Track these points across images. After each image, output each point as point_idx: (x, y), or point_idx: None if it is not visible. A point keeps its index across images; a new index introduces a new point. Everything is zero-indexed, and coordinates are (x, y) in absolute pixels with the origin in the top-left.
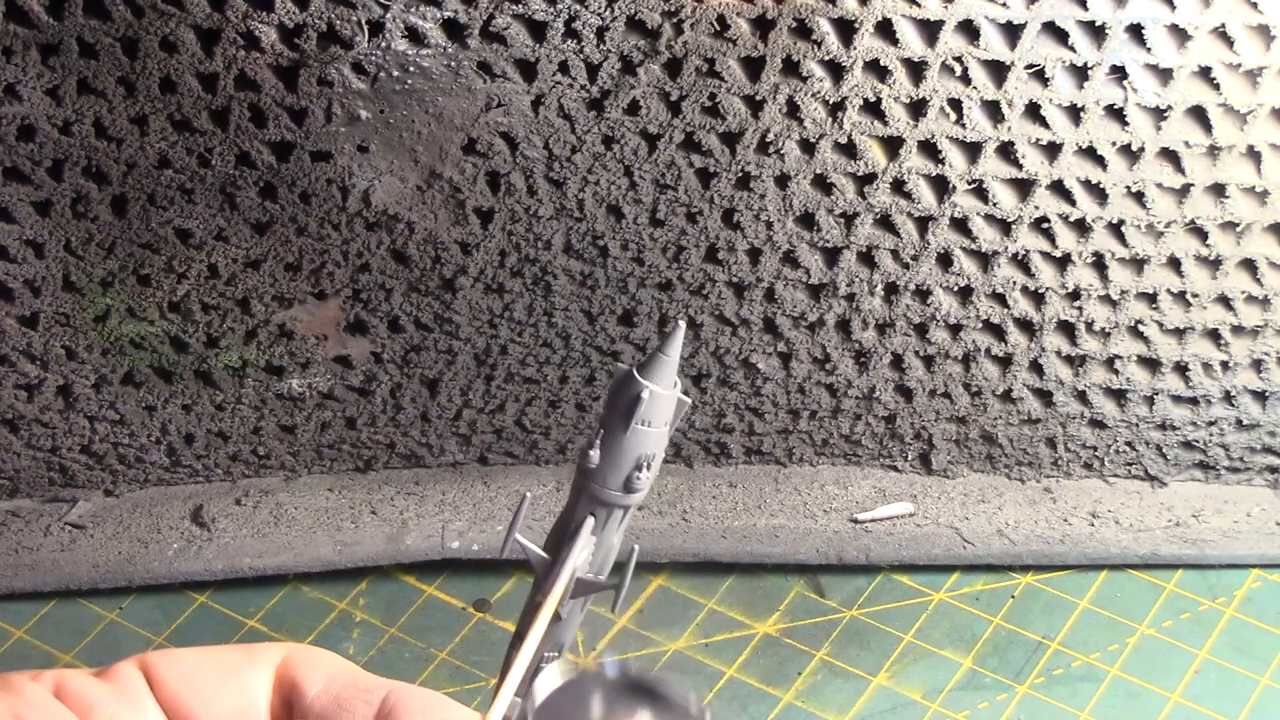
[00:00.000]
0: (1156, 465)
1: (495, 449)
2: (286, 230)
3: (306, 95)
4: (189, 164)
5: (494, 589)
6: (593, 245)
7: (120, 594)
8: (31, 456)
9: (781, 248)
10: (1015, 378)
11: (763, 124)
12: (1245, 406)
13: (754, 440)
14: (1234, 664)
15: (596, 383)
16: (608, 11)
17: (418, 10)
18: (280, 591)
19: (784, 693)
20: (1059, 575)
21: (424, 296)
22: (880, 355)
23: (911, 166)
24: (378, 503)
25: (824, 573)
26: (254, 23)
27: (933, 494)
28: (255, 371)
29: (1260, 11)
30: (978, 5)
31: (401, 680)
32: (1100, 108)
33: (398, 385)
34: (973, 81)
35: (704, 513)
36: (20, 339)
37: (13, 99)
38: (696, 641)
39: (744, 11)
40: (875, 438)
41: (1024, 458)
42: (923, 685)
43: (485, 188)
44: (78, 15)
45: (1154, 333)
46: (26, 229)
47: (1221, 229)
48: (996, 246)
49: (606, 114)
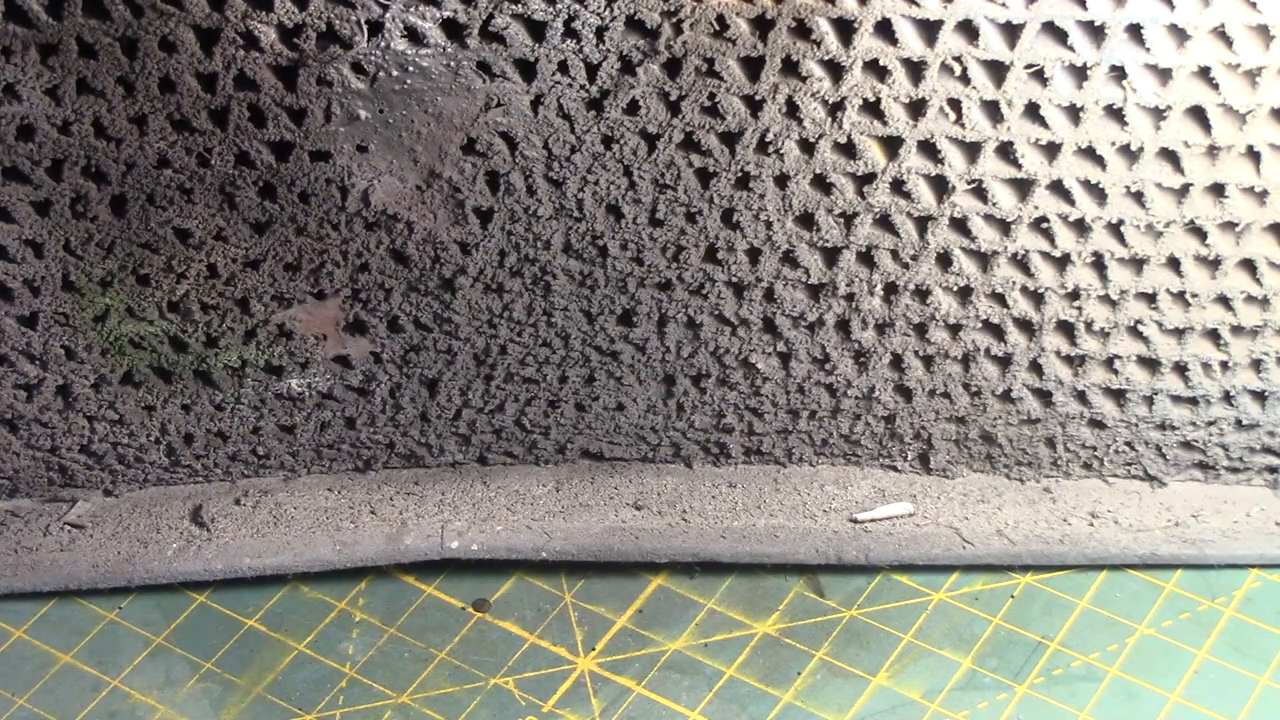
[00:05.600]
0: (1156, 465)
1: (494, 449)
2: (286, 230)
3: (306, 95)
4: (188, 164)
5: (493, 589)
6: (592, 245)
7: (120, 594)
8: (31, 456)
9: (781, 247)
10: (1015, 378)
11: (762, 124)
12: (1245, 406)
13: (753, 440)
14: (1233, 664)
15: (596, 383)
16: (607, 11)
17: (417, 10)
18: (280, 591)
19: (784, 693)
20: (1058, 575)
21: (423, 296)
22: (880, 355)
23: (911, 166)
24: (377, 503)
25: (824, 573)
26: (253, 22)
27: (932, 494)
28: (254, 371)
29: (1260, 11)
30: (977, 5)
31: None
32: (1100, 108)
33: (397, 385)
34: (972, 81)
35: (704, 513)
36: (20, 339)
37: (12, 99)
38: (696, 641)
39: (743, 11)
40: (875, 438)
41: (1023, 458)
42: (922, 685)
43: (484, 187)
44: (77, 15)
45: (1153, 333)
46: (26, 229)
47: (1221, 229)
48: (996, 246)
49: (606, 114)
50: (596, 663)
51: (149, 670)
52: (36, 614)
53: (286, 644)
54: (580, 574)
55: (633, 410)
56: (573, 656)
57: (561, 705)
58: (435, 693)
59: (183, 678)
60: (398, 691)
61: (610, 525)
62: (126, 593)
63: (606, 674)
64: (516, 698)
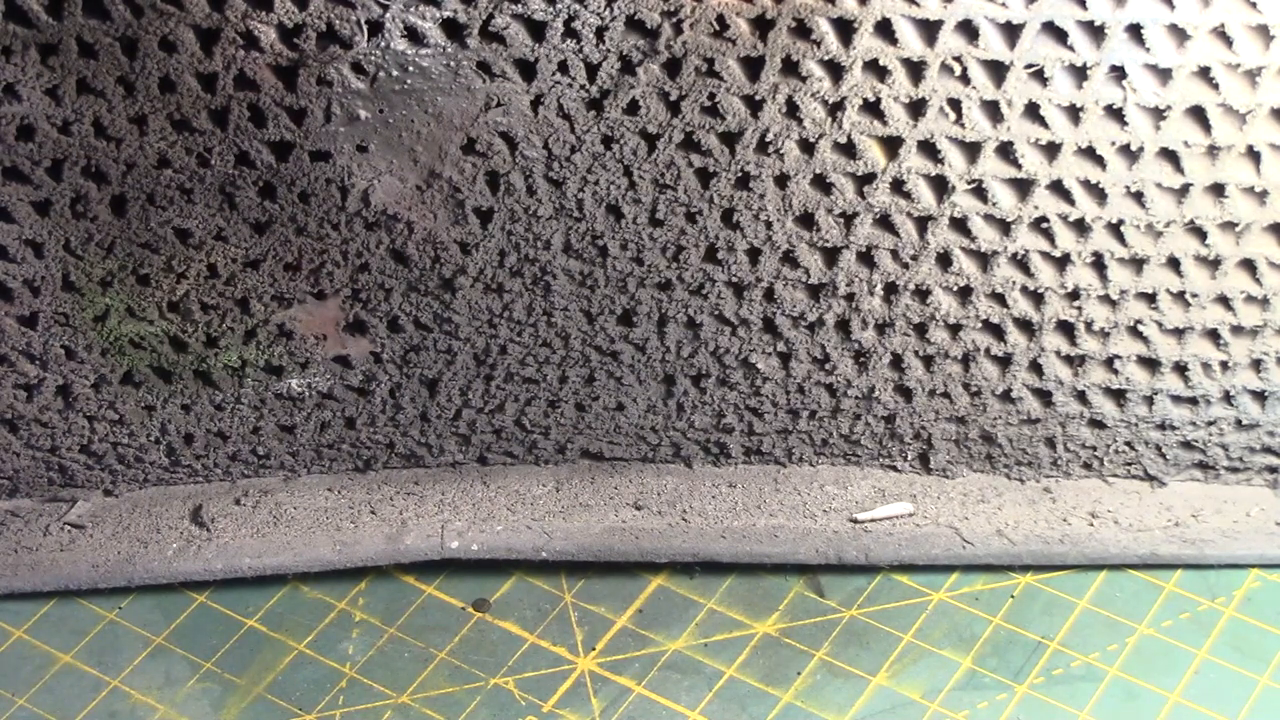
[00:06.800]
0: (1156, 465)
1: (494, 449)
2: (286, 230)
3: (306, 95)
4: (188, 164)
5: (493, 589)
6: (592, 245)
7: (120, 594)
8: (31, 456)
9: (781, 247)
10: (1015, 378)
11: (762, 124)
12: (1245, 406)
13: (753, 440)
14: (1233, 664)
15: (596, 383)
16: (607, 11)
17: (417, 10)
18: (280, 591)
19: (783, 692)
20: (1058, 575)
21: (423, 296)
22: (880, 355)
23: (911, 166)
24: (377, 503)
25: (824, 572)
26: (253, 22)
27: (932, 494)
28: (254, 371)
29: (1260, 11)
30: (977, 5)
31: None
32: (1100, 108)
33: (397, 385)
34: (972, 81)
35: (704, 513)
36: (20, 339)
37: (12, 99)
38: (696, 641)
39: (743, 11)
40: (875, 438)
41: (1023, 458)
42: (922, 685)
43: (484, 187)
44: (77, 15)
45: (1153, 333)
46: (26, 229)
47: (1221, 229)
48: (996, 246)
49: (606, 114)
50: (596, 663)
51: (149, 670)
52: (36, 614)
53: (286, 644)
54: (580, 574)
55: (633, 410)
56: (573, 656)
57: (561, 705)
58: (435, 693)
59: (183, 678)
60: (398, 691)
61: (610, 525)
62: (126, 593)
63: (606, 674)
64: (516, 698)
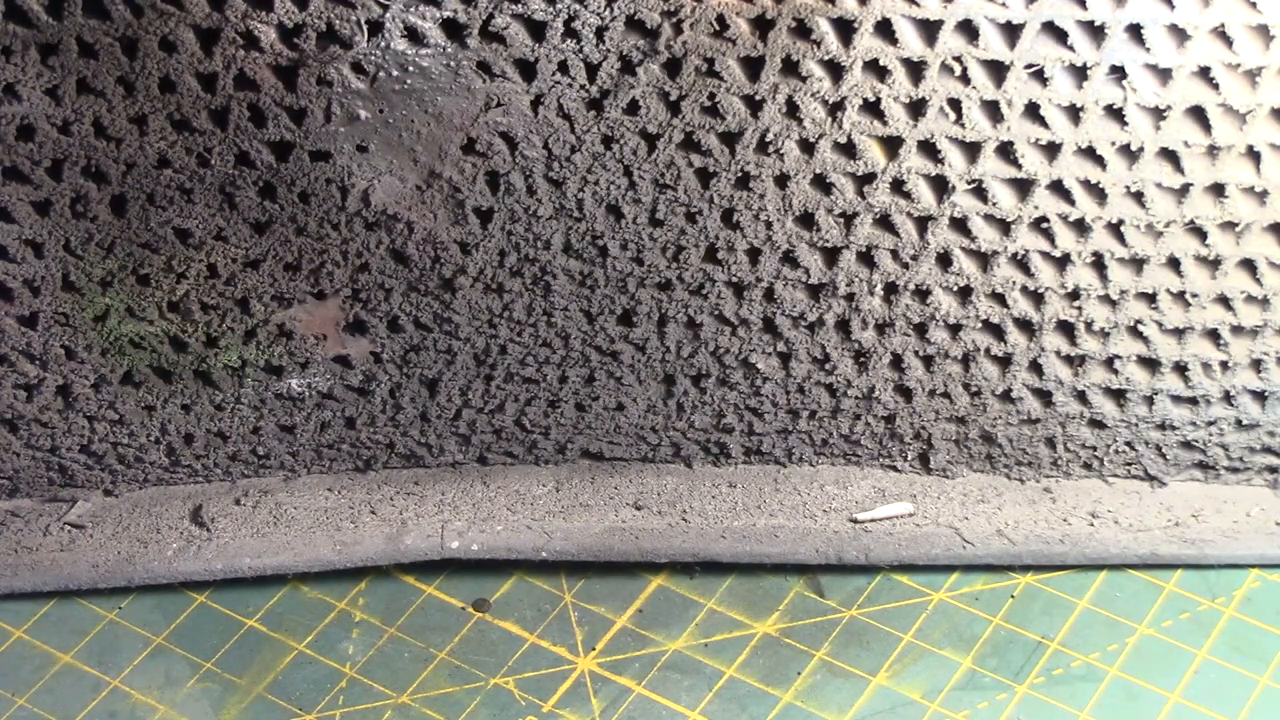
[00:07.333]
0: (1156, 465)
1: (495, 449)
2: (286, 230)
3: (306, 95)
4: (188, 164)
5: (493, 589)
6: (592, 245)
7: (120, 594)
8: (31, 456)
9: (781, 247)
10: (1015, 378)
11: (762, 124)
12: (1245, 406)
13: (754, 440)
14: (1233, 664)
15: (596, 383)
16: (607, 11)
17: (417, 10)
18: (280, 591)
19: (784, 692)
20: (1058, 575)
21: (423, 296)
22: (880, 355)
23: (911, 166)
24: (377, 503)
25: (824, 573)
26: (253, 22)
27: (932, 494)
28: (254, 371)
29: (1260, 11)
30: (977, 5)
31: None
32: (1100, 108)
33: (397, 385)
34: (972, 81)
35: (704, 513)
36: (20, 339)
37: (12, 99)
38: (696, 641)
39: (743, 11)
40: (875, 438)
41: (1023, 458)
42: (922, 685)
43: (484, 187)
44: (77, 15)
45: (1153, 333)
46: (26, 229)
47: (1221, 229)
48: (996, 246)
49: (606, 114)
50: (596, 663)
51: (149, 670)
52: (36, 614)
53: (286, 644)
54: (580, 574)
55: (633, 410)
56: (573, 656)
57: (561, 705)
58: (435, 693)
59: (183, 678)
60: (398, 691)
61: (610, 525)
62: (126, 593)
63: (606, 674)
64: (516, 698)
